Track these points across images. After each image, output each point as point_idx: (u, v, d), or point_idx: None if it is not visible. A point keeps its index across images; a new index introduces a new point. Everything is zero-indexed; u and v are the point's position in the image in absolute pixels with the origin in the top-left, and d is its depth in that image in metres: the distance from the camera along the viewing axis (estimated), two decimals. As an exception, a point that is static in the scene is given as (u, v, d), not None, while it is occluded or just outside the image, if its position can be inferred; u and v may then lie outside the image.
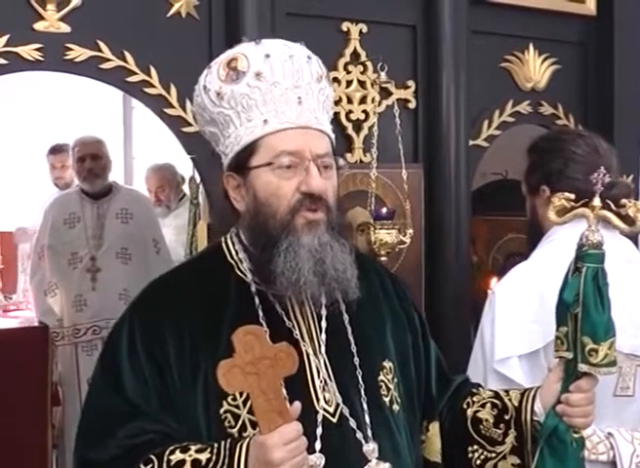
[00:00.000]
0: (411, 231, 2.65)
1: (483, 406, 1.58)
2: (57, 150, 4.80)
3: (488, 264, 3.61)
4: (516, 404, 1.54)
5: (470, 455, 1.57)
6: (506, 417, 1.54)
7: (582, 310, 1.45)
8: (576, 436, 1.48)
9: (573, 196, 1.53)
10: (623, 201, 1.47)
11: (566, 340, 1.47)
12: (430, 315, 2.87)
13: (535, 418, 1.51)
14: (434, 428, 1.61)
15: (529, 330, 1.80)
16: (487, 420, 1.56)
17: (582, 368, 1.46)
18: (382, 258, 2.58)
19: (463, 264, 2.94)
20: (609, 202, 1.49)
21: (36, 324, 3.93)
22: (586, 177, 1.82)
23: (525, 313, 1.82)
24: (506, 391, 1.60)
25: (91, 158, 3.95)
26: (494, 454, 1.55)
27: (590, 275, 1.45)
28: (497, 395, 1.59)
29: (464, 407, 1.60)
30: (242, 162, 1.46)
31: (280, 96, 1.43)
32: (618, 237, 1.93)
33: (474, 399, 1.60)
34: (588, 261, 1.46)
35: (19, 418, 3.30)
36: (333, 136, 1.51)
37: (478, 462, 1.56)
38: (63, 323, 3.86)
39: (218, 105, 1.46)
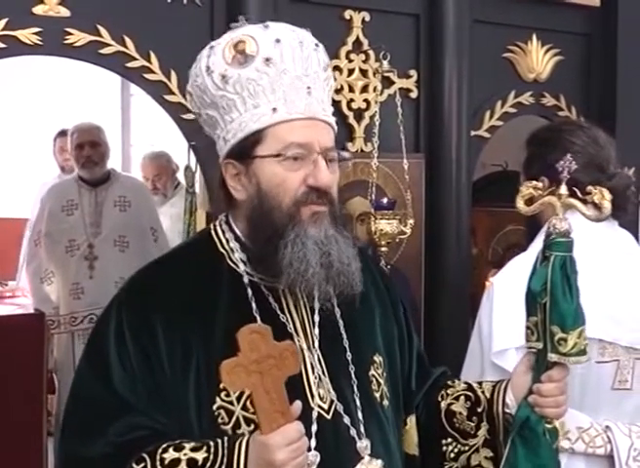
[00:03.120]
0: (411, 221, 2.64)
1: (457, 398, 1.56)
2: (66, 133, 4.77)
3: (487, 255, 3.60)
4: (488, 396, 1.52)
5: (444, 448, 1.54)
6: (479, 410, 1.52)
7: (550, 299, 1.43)
8: (549, 426, 1.46)
9: (541, 184, 1.51)
10: (589, 188, 1.45)
11: (536, 330, 1.46)
12: (429, 305, 2.88)
13: (506, 410, 1.49)
14: (411, 421, 1.59)
15: (527, 322, 1.79)
16: (460, 413, 1.54)
17: (552, 357, 1.44)
18: (383, 249, 2.57)
19: (463, 255, 2.93)
20: (575, 189, 1.46)
21: (32, 311, 3.91)
22: (585, 169, 1.81)
23: (523, 305, 1.81)
24: (480, 383, 1.58)
25: (89, 145, 3.92)
26: (467, 447, 1.53)
27: (558, 263, 1.43)
28: (470, 387, 1.57)
29: (439, 399, 1.58)
30: (245, 150, 1.40)
31: (289, 84, 1.38)
32: (616, 229, 1.91)
33: (448, 391, 1.58)
34: (556, 250, 1.44)
35: (14, 406, 3.29)
36: (336, 128, 1.48)
37: (452, 455, 1.54)
38: (60, 311, 3.84)
39: (221, 89, 1.40)
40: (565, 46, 3.21)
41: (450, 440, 1.54)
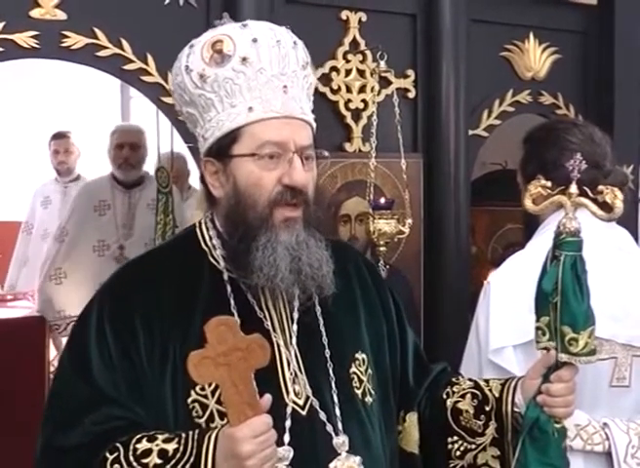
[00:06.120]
0: (410, 221, 2.64)
1: (463, 396, 1.55)
2: (60, 136, 4.77)
3: (487, 254, 3.60)
4: (497, 395, 1.52)
5: (450, 446, 1.54)
6: (487, 409, 1.52)
7: (561, 299, 1.43)
8: (557, 426, 1.47)
9: (549, 183, 1.51)
10: (600, 187, 1.45)
11: (548, 330, 1.46)
12: (428, 305, 2.88)
13: (516, 410, 1.49)
14: (411, 419, 1.58)
15: (523, 319, 1.79)
16: (467, 411, 1.54)
17: (563, 357, 1.44)
18: (381, 248, 2.57)
19: (463, 254, 2.94)
20: (586, 189, 1.46)
21: (35, 314, 3.89)
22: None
23: (520, 303, 1.81)
24: (486, 381, 1.58)
25: (130, 147, 3.88)
26: (474, 446, 1.53)
27: (569, 263, 1.43)
28: (477, 385, 1.57)
29: (444, 397, 1.57)
30: (223, 149, 1.42)
31: (266, 83, 1.40)
32: (614, 227, 1.91)
33: (454, 389, 1.58)
34: (566, 249, 1.44)
35: (16, 408, 3.30)
36: (314, 125, 1.49)
37: (458, 453, 1.54)
38: (71, 312, 3.76)
39: (199, 87, 1.42)
40: (562, 44, 3.21)
41: (456, 438, 1.54)
